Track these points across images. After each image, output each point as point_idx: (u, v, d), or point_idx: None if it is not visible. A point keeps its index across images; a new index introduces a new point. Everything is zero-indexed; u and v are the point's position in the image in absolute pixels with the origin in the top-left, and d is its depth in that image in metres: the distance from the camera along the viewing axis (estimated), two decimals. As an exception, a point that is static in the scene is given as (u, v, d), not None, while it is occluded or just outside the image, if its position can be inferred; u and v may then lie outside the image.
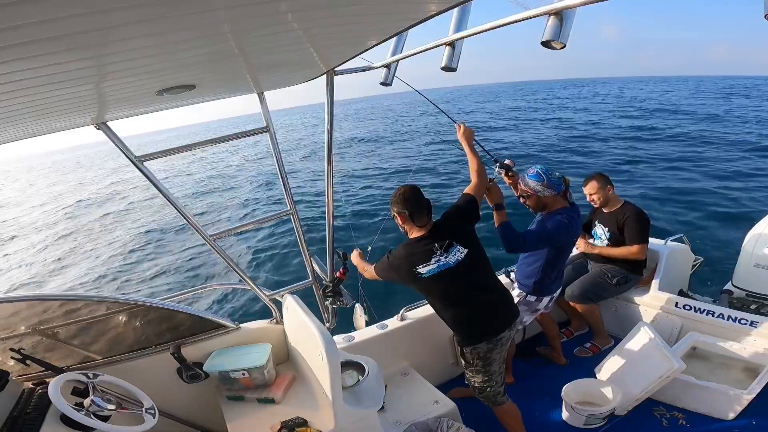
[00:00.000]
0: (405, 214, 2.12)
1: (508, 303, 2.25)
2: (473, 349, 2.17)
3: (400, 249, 2.17)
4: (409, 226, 2.16)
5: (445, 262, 2.08)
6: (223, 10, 0.73)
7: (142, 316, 2.29)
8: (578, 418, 2.55)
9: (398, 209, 2.14)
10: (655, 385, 2.52)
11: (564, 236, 2.54)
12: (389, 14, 1.05)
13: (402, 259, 2.15)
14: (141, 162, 1.76)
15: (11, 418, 1.76)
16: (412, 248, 2.14)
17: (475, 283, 2.15)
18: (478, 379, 2.24)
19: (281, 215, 2.31)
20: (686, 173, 11.15)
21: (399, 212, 2.15)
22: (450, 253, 2.10)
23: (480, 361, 2.18)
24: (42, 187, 33.21)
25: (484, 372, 2.21)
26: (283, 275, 7.64)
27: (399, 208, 2.14)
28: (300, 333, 2.25)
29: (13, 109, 1.14)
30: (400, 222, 2.17)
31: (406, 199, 2.12)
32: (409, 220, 2.13)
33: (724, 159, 12.50)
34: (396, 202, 2.15)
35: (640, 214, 3.05)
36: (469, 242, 2.15)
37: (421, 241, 2.13)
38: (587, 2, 0.86)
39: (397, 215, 2.17)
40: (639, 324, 2.84)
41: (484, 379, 2.23)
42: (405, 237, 2.23)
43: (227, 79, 1.56)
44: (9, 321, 2.02)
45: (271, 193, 14.53)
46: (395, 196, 2.16)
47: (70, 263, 11.32)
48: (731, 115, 22.81)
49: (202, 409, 2.38)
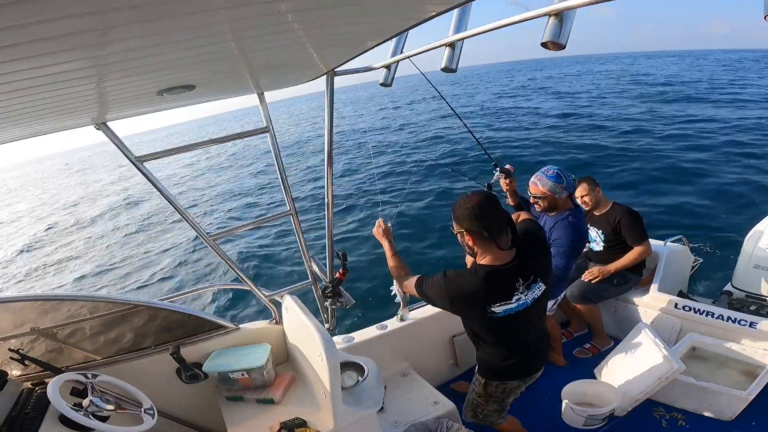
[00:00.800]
0: (482, 234, 1.64)
1: (546, 342, 2.02)
2: (501, 383, 1.95)
3: (471, 278, 1.70)
4: (485, 248, 1.69)
5: (524, 300, 1.72)
6: (223, 10, 0.73)
7: (141, 317, 2.29)
8: (578, 419, 2.55)
9: (470, 226, 1.65)
10: (655, 386, 2.52)
11: (581, 245, 2.51)
12: (389, 15, 1.05)
13: (474, 295, 1.69)
14: (141, 162, 1.76)
15: (10, 418, 1.76)
16: (491, 281, 1.67)
17: (535, 322, 1.86)
18: (491, 408, 2.07)
19: (281, 215, 2.31)
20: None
21: (471, 231, 1.66)
22: (531, 290, 1.73)
23: (502, 395, 2.01)
24: (44, 188, 33.23)
25: (500, 403, 2.06)
26: (282, 276, 7.64)
27: (471, 225, 1.65)
28: (299, 333, 2.25)
29: (12, 109, 1.13)
30: (470, 243, 1.69)
31: (484, 214, 1.63)
32: (487, 241, 1.66)
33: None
34: (466, 218, 1.66)
35: (631, 213, 3.05)
36: (547, 278, 1.82)
37: (503, 273, 1.69)
38: (587, 3, 0.86)
39: (466, 234, 1.68)
40: (639, 325, 2.85)
41: (496, 408, 2.08)
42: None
43: (227, 80, 1.56)
44: (8, 321, 2.02)
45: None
46: (463, 208, 1.67)
47: (70, 263, 11.31)
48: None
49: (201, 409, 2.38)
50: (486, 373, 1.98)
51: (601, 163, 10.96)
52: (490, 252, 1.69)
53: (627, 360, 2.72)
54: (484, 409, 2.09)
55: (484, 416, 2.12)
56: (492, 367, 1.95)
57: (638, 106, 19.08)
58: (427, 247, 7.47)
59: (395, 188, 11.09)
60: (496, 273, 1.68)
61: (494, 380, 1.96)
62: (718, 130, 13.29)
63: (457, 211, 1.69)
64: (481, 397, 2.05)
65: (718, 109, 16.81)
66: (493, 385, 1.97)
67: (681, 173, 9.61)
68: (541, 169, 2.60)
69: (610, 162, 10.94)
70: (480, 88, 44.93)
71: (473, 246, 1.70)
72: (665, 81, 30.01)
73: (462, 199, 1.70)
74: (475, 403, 2.10)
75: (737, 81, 26.89)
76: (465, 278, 1.72)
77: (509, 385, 1.97)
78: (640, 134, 13.62)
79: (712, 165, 10.01)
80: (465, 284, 1.71)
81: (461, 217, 1.68)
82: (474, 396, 2.09)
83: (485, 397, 2.03)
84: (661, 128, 14.15)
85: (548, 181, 2.51)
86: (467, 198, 1.69)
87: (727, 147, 11.30)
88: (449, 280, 1.73)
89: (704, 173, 9.51)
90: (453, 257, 6.61)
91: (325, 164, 2.23)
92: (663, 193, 8.80)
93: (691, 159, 10.52)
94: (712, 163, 10.11)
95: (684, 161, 10.37)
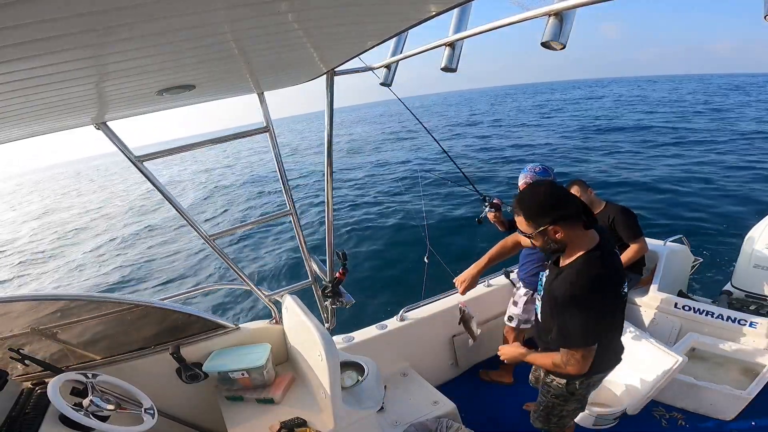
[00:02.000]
0: (572, 219, 1.50)
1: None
2: (586, 379, 1.80)
3: (593, 266, 1.51)
4: (574, 234, 1.53)
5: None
6: (223, 10, 0.73)
7: (141, 316, 2.29)
8: (588, 419, 2.54)
9: (557, 216, 1.49)
10: (663, 381, 2.50)
11: None
12: (389, 15, 1.05)
13: (606, 279, 1.52)
14: (141, 162, 1.76)
15: (10, 418, 1.76)
16: (605, 259, 1.54)
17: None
18: (570, 407, 1.92)
19: (281, 215, 2.31)
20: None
21: (562, 219, 1.49)
22: None
23: (587, 390, 1.87)
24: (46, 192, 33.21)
25: (581, 400, 1.92)
26: (282, 275, 7.64)
27: (559, 214, 1.49)
28: (299, 333, 2.25)
29: (12, 109, 1.13)
30: (559, 235, 1.52)
31: (562, 198, 1.51)
32: (575, 226, 1.52)
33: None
34: (548, 209, 1.49)
35: (624, 211, 3.04)
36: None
37: (602, 249, 1.56)
38: (587, 3, 0.86)
39: (553, 228, 1.51)
40: (633, 329, 2.84)
41: (576, 407, 1.94)
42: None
43: (227, 80, 1.56)
44: (9, 321, 2.02)
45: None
46: (538, 202, 1.51)
47: (70, 263, 11.31)
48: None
49: (201, 409, 2.38)
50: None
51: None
52: (581, 237, 1.54)
53: (628, 360, 2.71)
54: (563, 409, 1.92)
55: (560, 418, 1.96)
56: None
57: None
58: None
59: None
60: (602, 252, 1.54)
61: (579, 378, 1.77)
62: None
63: (532, 208, 1.52)
64: (560, 398, 1.88)
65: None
66: (577, 383, 1.80)
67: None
68: (527, 168, 2.71)
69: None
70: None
71: (562, 238, 1.52)
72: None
73: (526, 196, 1.54)
74: (550, 405, 1.93)
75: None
76: (591, 270, 1.51)
77: (595, 379, 1.82)
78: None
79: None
80: (597, 274, 1.50)
81: (541, 211, 1.50)
82: (549, 398, 1.91)
83: (565, 397, 1.86)
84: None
85: (539, 177, 2.63)
86: (531, 192, 1.55)
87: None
88: (586, 281, 1.50)
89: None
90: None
91: (325, 164, 2.23)
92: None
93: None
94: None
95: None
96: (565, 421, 2.01)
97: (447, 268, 3.04)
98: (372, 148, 21.88)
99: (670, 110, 26.78)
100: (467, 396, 2.90)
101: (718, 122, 18.81)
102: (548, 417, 1.99)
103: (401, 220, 9.29)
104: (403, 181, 12.77)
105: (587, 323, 1.52)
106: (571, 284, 1.51)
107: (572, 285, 1.51)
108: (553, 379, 1.87)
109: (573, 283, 1.51)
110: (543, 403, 1.97)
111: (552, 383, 1.89)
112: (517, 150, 16.98)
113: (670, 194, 9.14)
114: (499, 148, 17.89)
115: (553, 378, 1.88)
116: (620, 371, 2.68)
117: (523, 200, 1.55)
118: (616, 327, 1.74)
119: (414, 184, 11.02)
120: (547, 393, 1.93)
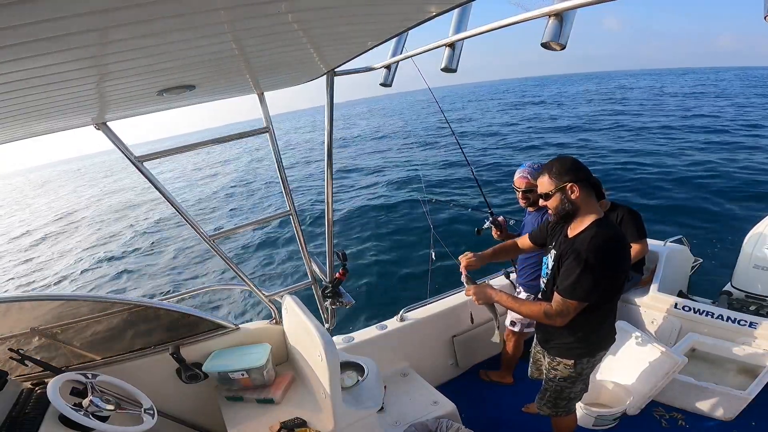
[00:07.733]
0: (587, 183, 1.71)
1: None
2: (591, 358, 1.90)
3: (608, 230, 1.69)
4: (588, 199, 1.72)
5: None
6: (223, 10, 0.73)
7: (141, 317, 2.29)
8: (587, 419, 2.54)
9: (575, 177, 1.69)
10: (663, 382, 2.51)
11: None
12: (389, 15, 1.05)
13: (623, 239, 1.73)
14: (141, 162, 1.76)
15: (10, 418, 1.76)
16: (616, 227, 1.76)
17: None
18: (577, 388, 1.99)
19: (281, 215, 2.31)
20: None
21: (579, 180, 1.69)
22: None
23: (590, 369, 1.96)
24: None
25: (585, 380, 2.00)
26: (282, 275, 7.65)
27: (577, 175, 1.70)
28: (299, 333, 2.25)
29: (12, 109, 1.13)
30: (575, 195, 1.70)
31: (582, 165, 1.74)
32: (590, 192, 1.73)
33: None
34: (568, 171, 1.70)
35: (632, 211, 3.05)
36: None
37: (607, 219, 1.76)
38: (587, 3, 0.86)
39: (571, 187, 1.69)
40: (622, 326, 2.83)
41: (581, 388, 2.01)
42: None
43: (227, 80, 1.56)
44: (9, 321, 2.02)
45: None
46: (562, 164, 1.73)
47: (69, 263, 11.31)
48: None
49: (201, 409, 2.38)
50: (579, 351, 1.87)
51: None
52: (592, 205, 1.73)
53: (628, 360, 2.72)
54: (570, 392, 1.99)
55: (569, 400, 2.02)
56: (589, 343, 1.87)
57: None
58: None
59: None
60: (609, 221, 1.74)
61: (589, 357, 1.89)
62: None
63: (555, 168, 1.73)
64: (568, 380, 1.95)
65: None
66: (584, 362, 1.90)
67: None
68: (523, 165, 2.70)
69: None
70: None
71: (577, 198, 1.70)
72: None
73: (554, 161, 1.77)
74: (558, 389, 1.99)
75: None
76: (609, 233, 1.68)
77: (599, 357, 1.92)
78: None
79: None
80: (615, 236, 1.69)
81: (562, 171, 1.71)
82: (557, 382, 1.97)
83: (573, 379, 1.94)
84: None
85: (537, 173, 2.58)
86: (558, 159, 1.77)
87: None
88: (609, 241, 1.65)
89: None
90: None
91: (325, 164, 2.23)
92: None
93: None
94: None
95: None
96: (572, 405, 2.05)
97: (454, 259, 3.05)
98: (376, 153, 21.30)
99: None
100: (467, 396, 2.90)
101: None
102: (556, 402, 2.03)
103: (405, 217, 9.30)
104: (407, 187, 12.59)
105: (598, 282, 1.65)
106: (594, 241, 1.65)
107: (595, 241, 1.65)
108: (560, 362, 1.93)
109: (596, 241, 1.65)
110: (550, 389, 2.02)
111: (559, 366, 1.95)
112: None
113: (672, 193, 9.14)
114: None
115: (560, 361, 1.93)
116: (620, 371, 2.71)
117: (549, 162, 1.78)
118: (615, 304, 1.86)
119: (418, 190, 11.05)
120: (555, 378, 1.98)
